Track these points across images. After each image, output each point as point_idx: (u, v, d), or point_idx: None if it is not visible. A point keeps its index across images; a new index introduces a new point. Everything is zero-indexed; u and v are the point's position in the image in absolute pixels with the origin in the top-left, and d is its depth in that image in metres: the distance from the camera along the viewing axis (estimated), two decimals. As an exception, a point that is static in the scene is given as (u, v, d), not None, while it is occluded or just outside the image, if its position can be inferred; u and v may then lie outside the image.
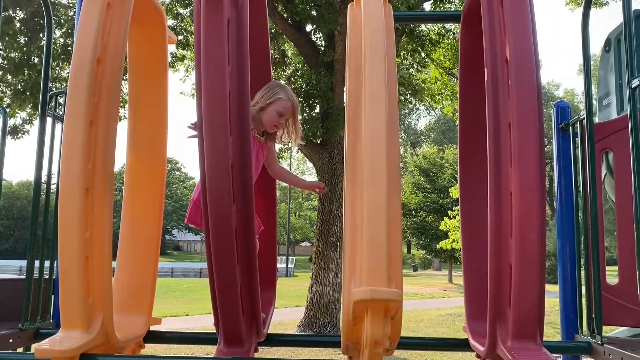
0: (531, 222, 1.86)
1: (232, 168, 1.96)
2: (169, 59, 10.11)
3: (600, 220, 2.65)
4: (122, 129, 2.51)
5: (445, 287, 25.13)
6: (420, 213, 34.48)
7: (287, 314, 13.03)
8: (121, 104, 8.96)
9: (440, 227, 23.95)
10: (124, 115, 9.63)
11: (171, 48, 10.17)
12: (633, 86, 2.22)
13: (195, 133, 2.23)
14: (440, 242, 24.11)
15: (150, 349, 6.07)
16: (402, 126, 55.57)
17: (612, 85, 4.81)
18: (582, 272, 2.73)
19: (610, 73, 4.84)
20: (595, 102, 5.27)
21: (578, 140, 2.80)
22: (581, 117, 2.71)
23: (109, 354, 2.07)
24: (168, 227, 57.06)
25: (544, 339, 2.07)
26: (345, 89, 2.29)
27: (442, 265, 40.71)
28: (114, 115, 2.04)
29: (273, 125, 2.69)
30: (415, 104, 13.76)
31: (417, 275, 37.32)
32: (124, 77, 7.65)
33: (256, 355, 2.43)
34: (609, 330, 4.46)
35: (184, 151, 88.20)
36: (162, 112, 2.65)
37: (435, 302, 17.40)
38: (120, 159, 2.83)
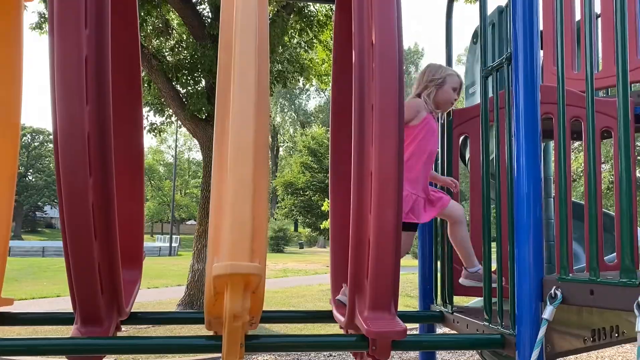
0: (387, 200, 1.96)
1: (89, 138, 1.85)
2: (36, 19, 9.26)
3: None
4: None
5: (328, 264, 25.90)
6: (307, 192, 35.17)
7: (168, 293, 12.74)
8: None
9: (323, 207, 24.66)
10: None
11: (40, 7, 9.30)
12: (485, 75, 2.42)
13: None
14: (325, 222, 24.81)
15: (12, 332, 5.62)
16: (292, 106, 55.86)
17: (478, 75, 5.19)
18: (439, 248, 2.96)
19: (477, 63, 5.21)
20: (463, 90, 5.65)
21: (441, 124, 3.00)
22: (442, 103, 2.90)
23: (-56, 339, 1.89)
24: (39, 204, 52.86)
25: (407, 310, 2.21)
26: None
27: (327, 242, 41.95)
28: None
29: (450, 102, 2.71)
30: (305, 85, 13.86)
31: (302, 253, 38.09)
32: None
33: (122, 334, 2.36)
34: (467, 301, 4.88)
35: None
36: (15, 75, 2.42)
37: (317, 277, 17.88)
38: (-35, 125, 2.56)
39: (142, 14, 8.77)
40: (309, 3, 10.19)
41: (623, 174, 1.74)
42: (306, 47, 10.94)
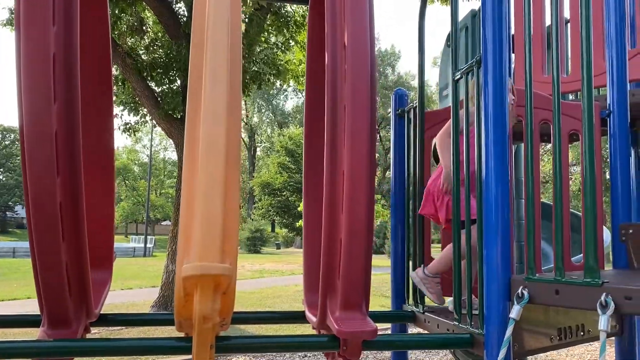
0: (359, 200, 1.97)
1: (57, 137, 1.82)
2: (7, 15, 9.06)
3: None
4: None
5: (305, 265, 25.84)
6: (284, 192, 35.14)
7: (142, 294, 12.57)
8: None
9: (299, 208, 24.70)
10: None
11: (11, 3, 9.10)
12: (455, 79, 2.45)
13: None
14: (301, 221, 24.89)
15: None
16: (270, 107, 55.70)
17: (450, 78, 5.25)
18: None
19: (450, 66, 5.27)
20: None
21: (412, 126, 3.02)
22: (414, 105, 2.93)
23: None
24: (10, 203, 51.72)
25: (382, 310, 2.22)
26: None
27: (304, 243, 41.90)
28: None
29: (509, 104, 2.61)
30: (282, 86, 13.85)
31: (279, 253, 38.00)
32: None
33: (94, 336, 2.32)
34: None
35: (31, 120, 79.69)
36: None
37: (294, 278, 17.85)
38: None
39: (117, 11, 8.65)
40: (285, 4, 10.17)
41: (588, 176, 1.78)
42: (283, 48, 10.92)
